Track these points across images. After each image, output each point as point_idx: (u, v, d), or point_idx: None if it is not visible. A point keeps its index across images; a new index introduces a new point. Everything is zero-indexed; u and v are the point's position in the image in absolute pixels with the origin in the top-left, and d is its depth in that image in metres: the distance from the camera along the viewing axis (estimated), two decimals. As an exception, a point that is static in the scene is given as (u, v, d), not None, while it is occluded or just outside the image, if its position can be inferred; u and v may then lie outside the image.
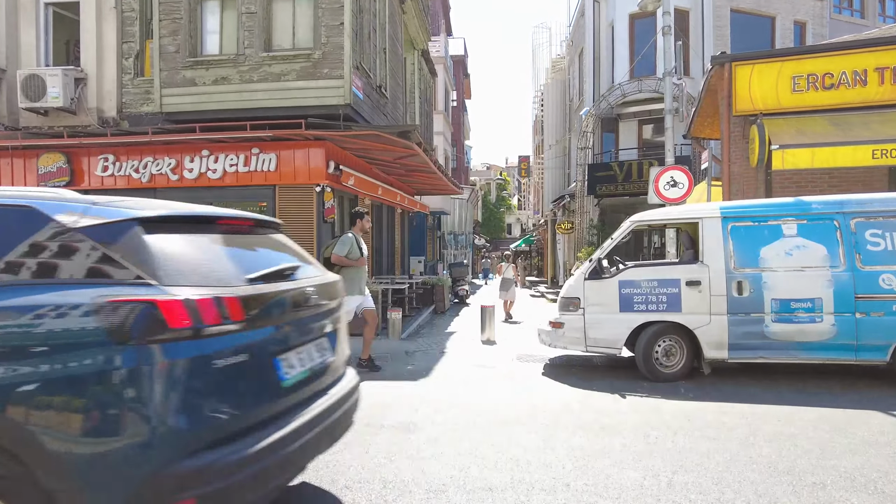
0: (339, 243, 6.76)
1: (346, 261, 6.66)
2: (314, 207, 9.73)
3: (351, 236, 6.83)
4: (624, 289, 6.51)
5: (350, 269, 6.71)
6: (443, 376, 6.76)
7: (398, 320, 9.56)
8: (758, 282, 6.21)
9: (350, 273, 6.68)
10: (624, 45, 20.04)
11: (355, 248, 6.77)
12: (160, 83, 9.62)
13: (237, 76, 9.51)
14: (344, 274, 6.64)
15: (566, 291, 6.77)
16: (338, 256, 6.67)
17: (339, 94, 9.15)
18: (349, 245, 6.73)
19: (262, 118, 9.27)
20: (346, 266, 6.67)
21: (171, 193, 10.26)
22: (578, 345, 6.68)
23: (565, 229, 21.99)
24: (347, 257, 6.69)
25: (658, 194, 10.01)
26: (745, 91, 9.47)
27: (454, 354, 8.23)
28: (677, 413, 5.16)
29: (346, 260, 6.67)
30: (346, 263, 6.66)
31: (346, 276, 6.60)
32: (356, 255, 6.76)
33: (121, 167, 10.20)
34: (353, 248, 6.75)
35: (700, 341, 6.34)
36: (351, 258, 6.71)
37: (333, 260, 6.66)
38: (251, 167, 9.85)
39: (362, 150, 10.56)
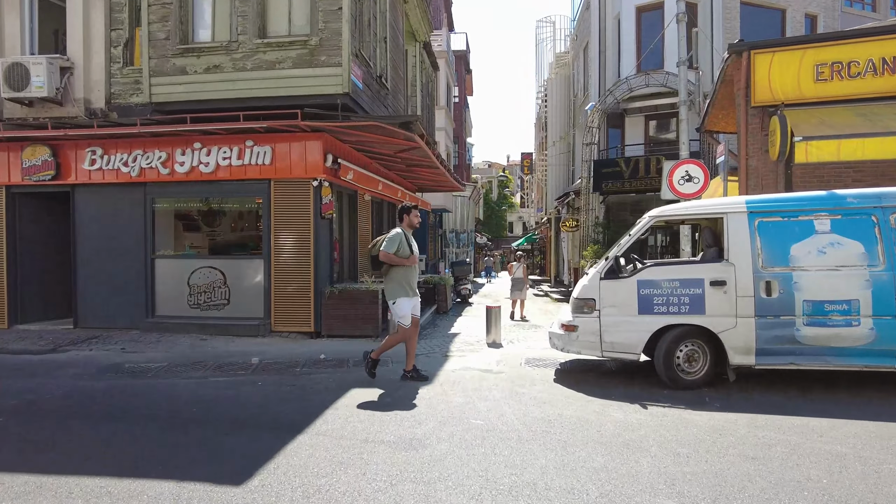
0: (387, 240, 6.25)
1: (395, 259, 6.19)
2: (311, 203, 9.26)
3: (400, 232, 6.31)
4: (643, 289, 6.05)
5: (399, 269, 6.28)
6: (447, 383, 6.30)
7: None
8: (788, 282, 5.74)
9: (399, 273, 6.28)
10: (630, 39, 19.58)
11: (405, 245, 6.27)
12: (149, 72, 9.15)
13: (230, 64, 9.04)
14: (392, 274, 6.30)
15: (580, 292, 6.30)
16: (386, 254, 6.19)
17: (337, 83, 8.67)
18: (398, 242, 6.22)
19: (256, 108, 8.81)
20: (395, 265, 6.24)
21: (161, 188, 9.83)
22: (593, 349, 6.22)
23: (570, 227, 21.52)
24: (397, 255, 6.20)
25: (672, 189, 9.54)
26: (764, 80, 8.99)
27: (459, 358, 7.77)
28: (706, 427, 4.70)
29: (395, 258, 6.19)
30: (395, 262, 6.21)
31: (396, 275, 6.29)
32: (406, 253, 6.26)
33: (109, 161, 9.74)
34: (403, 246, 6.25)
35: (725, 346, 5.88)
36: (401, 256, 6.22)
37: (382, 258, 6.21)
38: (245, 160, 9.39)
39: (362, 143, 10.09)
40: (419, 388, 6.03)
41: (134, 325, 9.75)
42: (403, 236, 6.30)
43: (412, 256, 6.32)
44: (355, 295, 9.35)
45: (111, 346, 8.77)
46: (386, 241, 6.26)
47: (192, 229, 10.28)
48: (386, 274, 6.37)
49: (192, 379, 6.71)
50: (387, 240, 6.27)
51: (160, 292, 9.94)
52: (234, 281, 9.69)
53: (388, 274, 6.36)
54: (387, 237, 6.32)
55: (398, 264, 6.24)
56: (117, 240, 9.93)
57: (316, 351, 8.18)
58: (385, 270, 6.35)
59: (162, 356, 8.03)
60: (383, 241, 6.33)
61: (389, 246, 6.20)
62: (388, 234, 6.34)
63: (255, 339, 9.20)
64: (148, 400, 5.76)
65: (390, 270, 6.32)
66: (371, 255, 6.42)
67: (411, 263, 6.31)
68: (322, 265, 9.48)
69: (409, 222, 6.49)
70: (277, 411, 5.28)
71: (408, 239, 6.35)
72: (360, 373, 6.85)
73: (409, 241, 6.34)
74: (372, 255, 6.40)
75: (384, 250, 6.21)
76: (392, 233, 6.34)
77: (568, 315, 6.49)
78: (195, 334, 9.46)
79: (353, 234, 11.54)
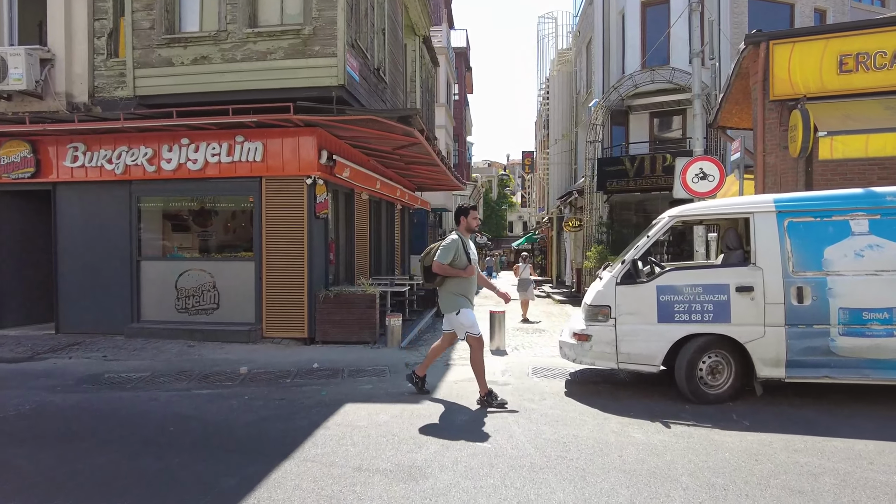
0: (441, 249, 5.47)
1: (451, 270, 5.43)
2: (305, 202, 8.77)
3: (457, 239, 5.52)
4: (663, 295, 5.56)
5: (454, 281, 5.52)
6: (449, 397, 5.81)
7: (398, 327, 8.61)
8: (822, 288, 5.25)
9: (456, 285, 5.52)
10: (635, 34, 19.11)
11: (462, 253, 5.49)
12: (133, 63, 8.64)
13: (219, 55, 8.54)
14: (449, 286, 5.56)
15: (594, 298, 5.80)
16: (441, 265, 5.42)
17: (331, 75, 8.18)
18: (454, 250, 5.45)
19: (246, 102, 8.31)
20: (450, 276, 5.49)
21: (147, 186, 9.35)
22: (608, 361, 5.72)
23: (573, 227, 21.03)
24: (452, 265, 5.44)
25: (686, 188, 9.05)
26: (783, 73, 8.50)
27: (462, 367, 7.28)
28: (739, 450, 4.21)
29: (451, 269, 5.43)
30: (450, 273, 5.44)
31: (452, 288, 5.54)
32: (463, 263, 5.48)
33: (92, 157, 9.25)
34: (460, 254, 5.48)
35: (752, 357, 5.39)
36: (457, 266, 5.46)
37: (436, 269, 5.45)
38: (235, 157, 8.89)
39: (358, 139, 9.60)
40: (419, 403, 5.54)
41: (119, 331, 9.26)
42: (461, 243, 5.52)
43: (470, 267, 5.51)
44: (351, 298, 8.87)
45: (93, 353, 8.28)
46: (440, 250, 5.47)
47: (181, 230, 9.79)
48: (441, 286, 5.60)
49: (174, 391, 6.22)
50: (441, 248, 5.48)
51: (146, 296, 9.46)
52: (224, 284, 9.20)
53: (443, 286, 5.59)
54: (441, 245, 5.53)
55: (454, 276, 5.47)
56: (101, 241, 9.44)
57: (309, 359, 7.69)
58: (440, 282, 5.58)
59: (145, 365, 7.54)
60: (437, 249, 5.57)
61: (444, 255, 5.43)
62: (444, 241, 5.56)
63: (246, 345, 8.71)
64: (122, 417, 5.26)
65: (445, 282, 5.56)
66: (423, 266, 5.69)
67: (469, 275, 5.52)
68: (316, 267, 8.99)
69: (466, 225, 5.72)
70: (263, 431, 4.79)
71: (465, 245, 5.56)
72: (354, 384, 6.38)
73: (466, 249, 5.55)
74: (424, 265, 5.67)
75: (438, 260, 5.43)
76: (448, 239, 5.55)
77: (580, 323, 6.00)
78: (183, 340, 8.97)
79: (350, 235, 11.05)
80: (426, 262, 5.66)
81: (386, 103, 11.39)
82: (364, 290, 9.00)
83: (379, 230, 13.52)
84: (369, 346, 8.70)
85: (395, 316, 8.65)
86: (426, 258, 5.69)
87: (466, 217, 5.74)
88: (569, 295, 19.87)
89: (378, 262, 13.45)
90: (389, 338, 8.58)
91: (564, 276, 25.47)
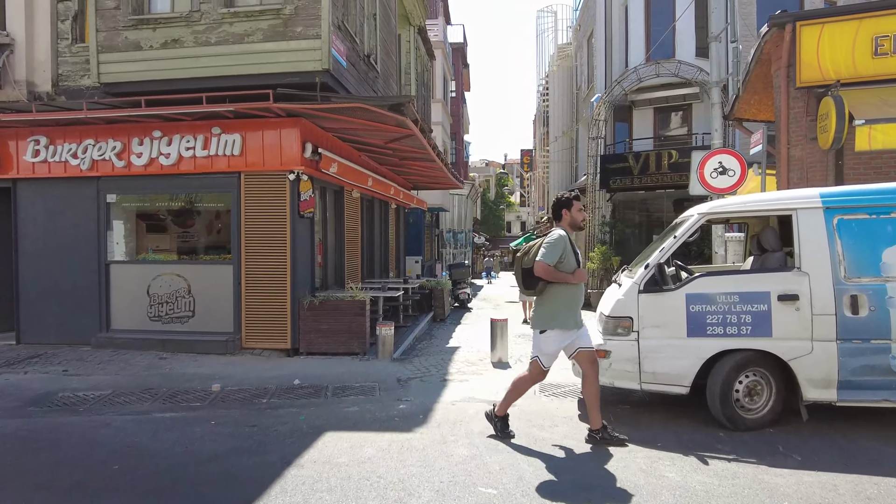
0: (546, 246, 4.33)
1: (558, 275, 4.32)
2: (287, 199, 8.00)
3: (563, 235, 4.39)
4: (693, 305, 4.80)
5: (558, 290, 4.41)
6: (447, 423, 5.04)
7: (389, 337, 7.84)
8: (881, 296, 4.51)
9: (560, 294, 4.41)
10: (639, 26, 18.40)
11: (570, 253, 4.39)
12: (97, 47, 7.86)
13: (191, 38, 7.76)
14: (552, 294, 4.42)
15: (614, 308, 5.03)
16: (546, 268, 4.29)
17: (315, 58, 7.42)
18: (562, 248, 4.33)
19: (222, 89, 7.53)
20: (556, 282, 4.38)
21: (116, 183, 8.57)
22: (629, 381, 4.96)
23: (575, 226, 20.25)
24: (559, 269, 4.35)
25: (704, 183, 8.30)
26: (811, 57, 7.76)
27: (460, 384, 6.52)
28: (798, 496, 3.46)
29: (558, 273, 4.32)
30: (558, 279, 4.33)
31: (556, 297, 4.41)
32: (572, 266, 4.39)
33: (55, 151, 8.46)
34: (568, 255, 4.37)
35: (797, 377, 4.64)
36: (564, 270, 4.37)
37: (539, 272, 4.31)
38: (211, 151, 8.12)
39: (347, 131, 8.83)
40: (411, 431, 4.78)
41: (86, 341, 8.47)
42: (568, 240, 4.41)
43: (580, 271, 4.43)
44: (339, 305, 8.09)
45: (52, 367, 7.49)
46: (545, 248, 4.34)
47: (154, 230, 9.00)
48: (541, 294, 4.46)
49: (132, 415, 5.44)
50: (546, 246, 4.34)
51: (116, 303, 8.67)
52: (200, 289, 8.42)
53: (544, 294, 4.45)
54: (545, 241, 4.39)
55: (561, 281, 4.37)
56: (67, 242, 8.65)
57: (290, 374, 6.92)
58: (541, 289, 4.43)
59: (109, 381, 6.76)
60: (538, 247, 4.43)
61: (549, 254, 4.30)
62: (548, 238, 4.41)
63: (223, 357, 7.93)
64: (61, 450, 4.48)
65: (548, 291, 4.42)
66: (523, 269, 4.51)
67: (579, 280, 4.43)
68: (300, 271, 8.22)
69: (570, 220, 4.54)
70: (225, 470, 4.02)
71: (572, 244, 4.46)
72: (338, 406, 5.60)
73: (574, 248, 4.47)
74: (524, 267, 4.50)
75: (542, 260, 4.29)
76: (553, 235, 4.39)
77: (595, 336, 5.23)
78: (155, 352, 8.19)
79: (340, 236, 10.28)
80: (526, 264, 4.48)
81: (377, 93, 10.62)
82: (353, 295, 8.23)
83: (372, 231, 12.74)
84: (358, 357, 7.93)
85: (386, 325, 7.88)
86: (526, 258, 4.50)
87: (570, 210, 4.52)
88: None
89: (371, 265, 12.68)
90: (380, 349, 7.81)
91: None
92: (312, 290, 8.65)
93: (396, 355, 8.13)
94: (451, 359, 8.06)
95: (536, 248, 4.44)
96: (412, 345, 9.34)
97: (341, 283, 10.18)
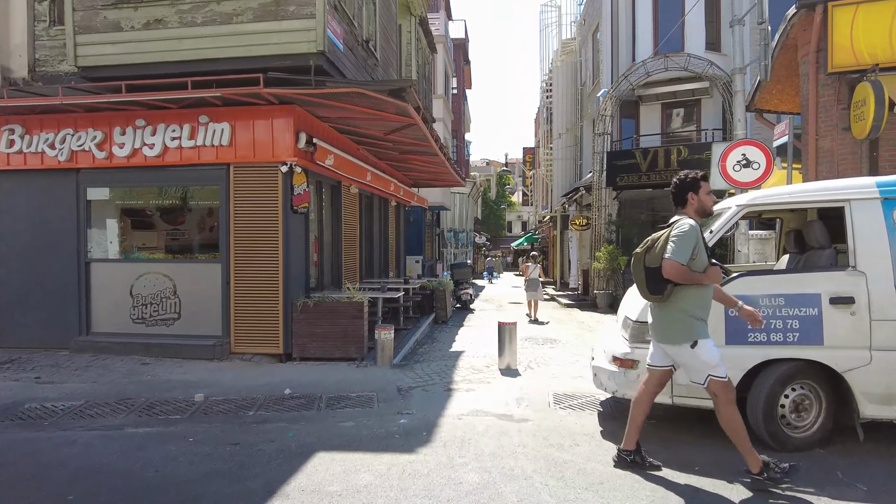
0: (677, 240, 3.51)
1: (692, 275, 3.54)
2: (280, 193, 7.44)
3: (695, 226, 3.61)
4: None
5: (689, 293, 3.61)
6: (454, 442, 4.47)
7: (389, 341, 7.28)
8: (950, 299, 3.95)
9: (690, 300, 3.61)
10: (647, 18, 17.86)
11: (702, 248, 3.62)
12: (74, 28, 7.29)
13: (175, 18, 7.20)
14: (679, 300, 3.62)
15: (642, 312, 4.46)
16: (678, 267, 3.47)
17: (309, 39, 6.85)
18: (694, 242, 3.55)
19: (209, 74, 6.97)
20: (689, 284, 3.58)
21: (97, 175, 8.01)
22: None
23: (580, 225, 19.71)
24: (693, 269, 3.56)
25: (726, 177, 7.75)
26: (844, 39, 7.21)
27: (466, 394, 5.96)
28: (877, 540, 2.90)
29: (692, 274, 3.54)
30: (691, 280, 3.55)
31: (685, 304, 3.61)
32: (704, 263, 3.61)
33: (31, 142, 7.90)
34: (700, 250, 3.60)
35: (853, 391, 4.09)
36: (695, 269, 3.57)
37: (670, 273, 3.50)
38: (198, 141, 7.55)
39: (344, 121, 8.27)
40: (413, 452, 4.21)
41: (64, 345, 7.91)
42: (699, 233, 3.63)
43: (714, 269, 3.62)
44: (335, 307, 7.53)
45: (25, 374, 6.92)
46: (675, 242, 3.51)
47: (138, 227, 8.43)
48: (669, 297, 3.64)
49: (103, 430, 4.88)
50: (676, 238, 3.52)
51: (97, 304, 8.11)
52: (187, 290, 7.86)
53: (670, 300, 3.64)
54: (674, 233, 3.56)
55: (696, 282, 3.59)
56: (44, 239, 8.09)
57: (281, 382, 6.36)
58: (669, 293, 3.62)
59: (84, 389, 6.20)
60: (664, 241, 3.59)
61: (682, 249, 3.48)
62: (676, 229, 3.57)
63: (210, 363, 7.36)
64: (15, 474, 3.91)
65: (676, 294, 3.62)
66: (646, 269, 3.68)
67: (713, 280, 3.64)
68: (294, 270, 7.65)
69: (698, 205, 3.74)
70: (196, 500, 3.46)
71: (703, 238, 3.68)
72: (332, 420, 5.05)
73: (705, 242, 3.72)
74: (648, 266, 3.67)
75: (673, 258, 3.47)
76: (683, 226, 3.56)
77: (621, 344, 4.66)
78: (138, 356, 7.63)
79: (337, 233, 9.71)
80: (651, 262, 3.65)
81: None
82: (350, 296, 7.67)
83: (371, 228, 12.18)
84: (356, 363, 7.37)
85: (385, 328, 7.31)
86: (649, 254, 3.67)
87: (697, 193, 3.72)
88: (575, 298, 18.55)
89: (370, 264, 12.12)
90: (379, 354, 7.25)
91: (568, 278, 24.16)
92: (307, 290, 8.09)
93: (396, 361, 7.57)
94: (455, 365, 7.50)
95: (662, 243, 3.60)
96: (413, 349, 8.78)
97: (338, 283, 9.62)
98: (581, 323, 12.62)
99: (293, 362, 7.47)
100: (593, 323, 12.37)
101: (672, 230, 3.61)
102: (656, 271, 3.62)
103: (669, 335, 3.70)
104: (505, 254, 55.52)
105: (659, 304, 3.73)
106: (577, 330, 11.39)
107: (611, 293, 15.63)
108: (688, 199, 3.77)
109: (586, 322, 12.69)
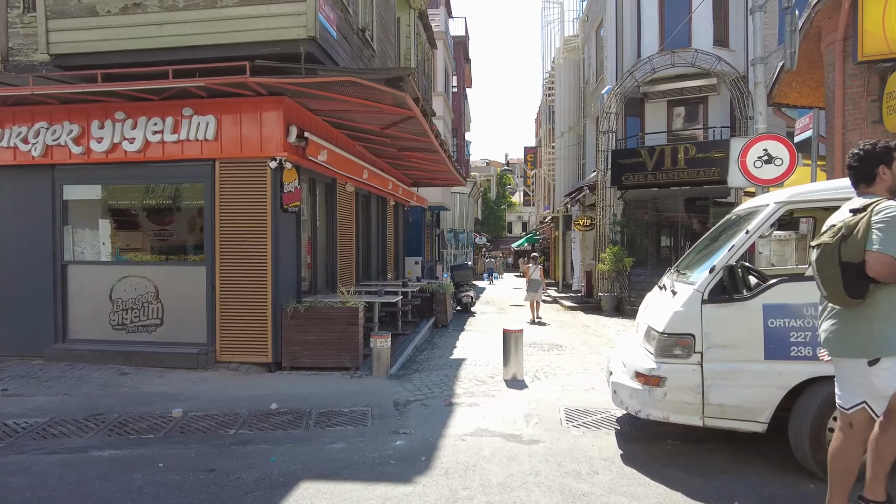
0: (884, 228, 2.72)
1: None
2: (269, 190, 6.93)
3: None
4: (772, 319, 3.74)
5: (893, 293, 2.82)
6: (455, 469, 3.95)
7: (385, 350, 6.76)
8: None
9: (889, 301, 2.82)
10: (653, 13, 17.40)
11: None
12: (46, 12, 6.78)
13: (156, 2, 6.69)
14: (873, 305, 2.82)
15: (671, 322, 3.94)
16: (891, 262, 2.70)
17: (299, 24, 6.35)
18: None
19: (191, 62, 6.47)
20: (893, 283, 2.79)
21: (74, 172, 7.51)
22: (689, 414, 3.88)
23: (584, 226, 19.20)
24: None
25: (746, 174, 7.24)
26: (875, 27, 6.70)
27: (469, 409, 5.45)
28: None
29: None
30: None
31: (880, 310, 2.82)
32: None
33: (2, 136, 7.40)
34: None
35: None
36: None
37: (877, 270, 2.72)
38: (182, 135, 7.05)
39: (338, 113, 7.76)
40: (410, 482, 3.70)
41: (39, 353, 7.40)
42: None
43: None
44: (328, 313, 7.02)
45: (-8, 385, 6.41)
46: (883, 230, 2.73)
47: (118, 227, 7.91)
48: (869, 298, 2.84)
49: (63, 453, 4.36)
50: (884, 226, 2.74)
51: (75, 309, 7.59)
52: (170, 294, 7.35)
53: (866, 301, 2.84)
54: (877, 220, 2.77)
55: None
56: (17, 240, 7.59)
57: (268, 395, 5.85)
58: (872, 293, 2.83)
59: (53, 403, 5.69)
60: (864, 229, 2.80)
61: (893, 240, 2.71)
62: (881, 214, 2.78)
63: (194, 372, 6.85)
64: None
65: (872, 297, 2.83)
66: (842, 263, 2.84)
67: None
68: (283, 273, 7.14)
69: (892, 182, 2.96)
70: (156, 547, 2.95)
71: None
72: (321, 440, 4.54)
73: None
74: (846, 261, 2.83)
75: (883, 251, 2.71)
76: (888, 209, 2.77)
77: (645, 359, 4.15)
78: (116, 365, 7.12)
79: (332, 233, 9.19)
80: (849, 257, 2.82)
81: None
82: (344, 301, 7.16)
83: (368, 228, 11.67)
84: (350, 373, 6.86)
85: (382, 336, 6.80)
86: (845, 247, 2.83)
87: (891, 166, 2.96)
88: (579, 300, 18.04)
89: (367, 266, 11.61)
90: (375, 364, 6.74)
91: (571, 280, 23.65)
92: (298, 295, 7.57)
93: (394, 370, 7.06)
94: (456, 375, 6.99)
95: (863, 232, 2.78)
96: (412, 356, 8.27)
97: (333, 286, 9.10)
98: (586, 327, 12.12)
99: (283, 372, 6.96)
100: (599, 327, 11.86)
101: (874, 215, 2.78)
102: (857, 267, 2.79)
103: (851, 346, 2.88)
104: (505, 255, 55.00)
105: (843, 312, 2.92)
106: (582, 335, 10.88)
107: (616, 295, 15.14)
108: (878, 174, 2.96)
109: (591, 326, 12.18)
